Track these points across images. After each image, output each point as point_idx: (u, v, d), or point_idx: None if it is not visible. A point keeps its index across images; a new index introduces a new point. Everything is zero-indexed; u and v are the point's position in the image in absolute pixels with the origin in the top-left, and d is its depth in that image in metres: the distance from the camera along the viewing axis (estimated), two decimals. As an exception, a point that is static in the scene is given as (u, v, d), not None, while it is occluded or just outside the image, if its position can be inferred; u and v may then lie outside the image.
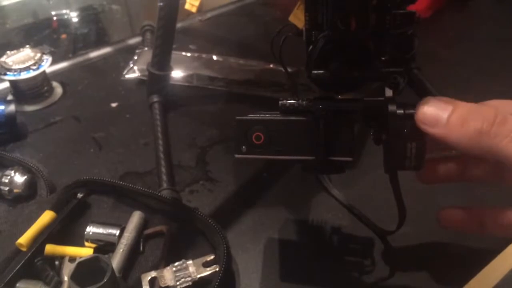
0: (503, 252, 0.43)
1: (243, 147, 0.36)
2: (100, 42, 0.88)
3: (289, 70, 0.42)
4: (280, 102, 0.36)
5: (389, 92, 0.34)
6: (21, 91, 0.67)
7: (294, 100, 0.36)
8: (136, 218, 0.47)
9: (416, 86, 0.62)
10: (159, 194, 0.50)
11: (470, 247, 0.45)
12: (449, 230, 0.42)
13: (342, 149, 0.35)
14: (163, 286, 0.41)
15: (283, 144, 0.36)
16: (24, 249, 0.44)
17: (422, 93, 0.62)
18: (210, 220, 0.46)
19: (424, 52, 0.35)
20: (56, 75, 0.74)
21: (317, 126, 0.35)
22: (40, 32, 0.92)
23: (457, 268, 0.43)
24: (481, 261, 0.43)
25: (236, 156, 0.36)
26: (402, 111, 0.33)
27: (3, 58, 0.66)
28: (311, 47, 0.34)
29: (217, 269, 0.42)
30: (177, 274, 0.42)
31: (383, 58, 0.34)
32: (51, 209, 0.47)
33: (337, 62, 0.34)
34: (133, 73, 0.73)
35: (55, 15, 0.97)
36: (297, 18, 0.54)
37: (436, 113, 0.32)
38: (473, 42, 0.79)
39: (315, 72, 0.34)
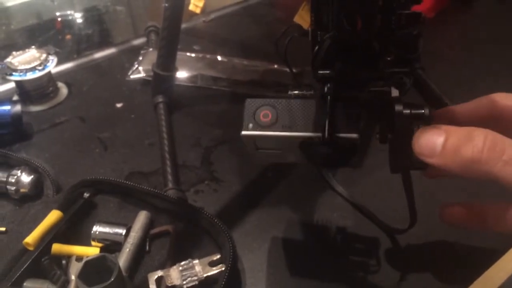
0: (508, 252, 0.43)
1: (250, 124, 0.36)
2: (104, 43, 0.88)
3: (294, 70, 0.42)
4: (289, 92, 0.37)
5: (395, 92, 0.34)
6: (27, 92, 0.67)
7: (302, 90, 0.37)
8: (142, 217, 0.47)
9: (420, 86, 0.62)
10: (165, 194, 0.50)
11: (475, 246, 0.45)
12: (450, 227, 0.42)
13: (348, 127, 0.35)
14: (169, 285, 0.41)
15: (290, 122, 0.36)
16: (31, 248, 0.44)
17: (427, 93, 0.63)
18: (215, 220, 0.46)
19: (428, 52, 0.35)
20: (61, 75, 0.74)
21: (325, 103, 0.35)
22: (45, 33, 0.92)
23: (462, 268, 0.44)
24: (486, 261, 0.42)
25: (242, 133, 0.36)
26: (408, 111, 0.33)
27: (9, 59, 0.66)
28: (316, 47, 0.34)
29: (223, 269, 0.42)
30: (184, 273, 0.42)
31: (388, 59, 0.34)
32: (58, 208, 0.48)
33: (343, 62, 0.34)
34: (138, 73, 0.73)
35: (60, 16, 0.98)
36: (302, 18, 0.54)
37: (430, 144, 0.32)
38: (477, 42, 0.79)
39: (321, 72, 0.34)
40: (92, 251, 0.45)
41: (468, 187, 0.48)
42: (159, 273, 0.42)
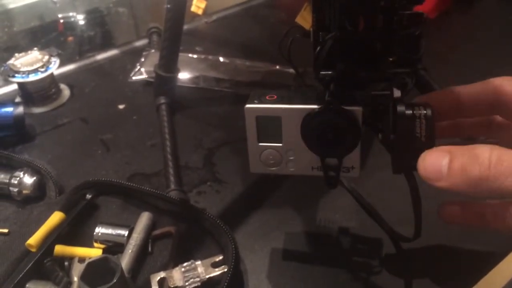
0: (509, 255, 0.43)
1: (255, 101, 0.37)
2: (106, 44, 0.88)
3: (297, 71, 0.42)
4: None
5: (397, 93, 0.34)
6: (29, 93, 0.67)
7: None
8: (144, 219, 0.47)
9: (422, 87, 0.62)
10: (167, 195, 0.50)
11: (477, 250, 0.45)
12: (450, 224, 0.42)
13: (352, 102, 0.35)
14: (172, 286, 0.41)
15: (293, 99, 0.37)
16: (33, 250, 0.44)
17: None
18: (218, 221, 0.46)
19: (430, 53, 0.35)
20: (63, 77, 0.75)
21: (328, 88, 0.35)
22: (47, 35, 0.92)
23: (464, 270, 0.43)
24: (489, 263, 0.42)
25: (247, 106, 0.37)
26: (410, 112, 0.33)
27: (12, 61, 0.67)
28: (318, 48, 0.34)
29: (226, 270, 0.42)
30: (186, 274, 0.42)
31: (390, 59, 0.34)
32: (60, 210, 0.48)
33: (345, 62, 0.34)
34: (140, 75, 0.73)
35: (62, 18, 0.98)
36: (304, 19, 0.55)
37: (435, 167, 0.32)
38: (479, 42, 0.79)
39: (323, 72, 0.34)
40: (94, 252, 0.45)
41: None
42: (162, 274, 0.42)
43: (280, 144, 0.38)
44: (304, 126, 0.36)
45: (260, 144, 0.38)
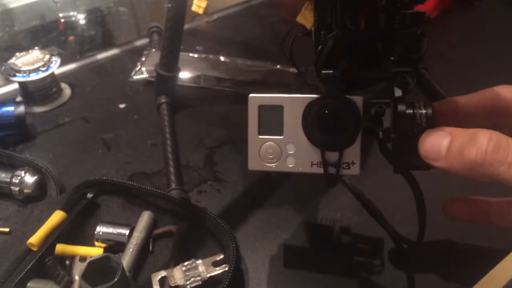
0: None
1: (258, 93, 0.38)
2: (107, 44, 0.88)
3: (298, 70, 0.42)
4: None
5: (398, 92, 0.34)
6: (30, 93, 0.67)
7: None
8: (145, 218, 0.47)
9: (423, 86, 0.62)
10: (168, 194, 0.50)
11: (479, 247, 0.45)
12: (454, 222, 0.42)
13: (354, 93, 0.35)
14: (173, 285, 0.41)
15: (296, 93, 0.37)
16: (34, 248, 0.44)
17: (429, 93, 0.62)
18: (219, 220, 0.46)
19: (431, 52, 0.35)
20: (64, 76, 0.75)
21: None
22: (48, 34, 0.92)
23: (465, 268, 0.43)
24: (491, 261, 0.42)
25: (251, 95, 0.38)
26: (411, 111, 0.33)
27: (13, 60, 0.67)
28: (320, 47, 0.34)
29: (227, 269, 0.42)
30: (187, 273, 0.42)
31: (392, 58, 0.34)
32: (61, 209, 0.48)
33: (346, 61, 0.34)
34: (141, 74, 0.73)
35: (63, 17, 0.98)
36: (305, 18, 0.55)
37: (435, 147, 0.32)
38: (480, 42, 0.79)
39: (324, 71, 0.34)
40: (95, 251, 0.45)
41: (473, 184, 0.48)
42: (163, 273, 0.42)
43: (281, 137, 0.37)
44: (306, 115, 0.36)
45: (261, 136, 0.38)
